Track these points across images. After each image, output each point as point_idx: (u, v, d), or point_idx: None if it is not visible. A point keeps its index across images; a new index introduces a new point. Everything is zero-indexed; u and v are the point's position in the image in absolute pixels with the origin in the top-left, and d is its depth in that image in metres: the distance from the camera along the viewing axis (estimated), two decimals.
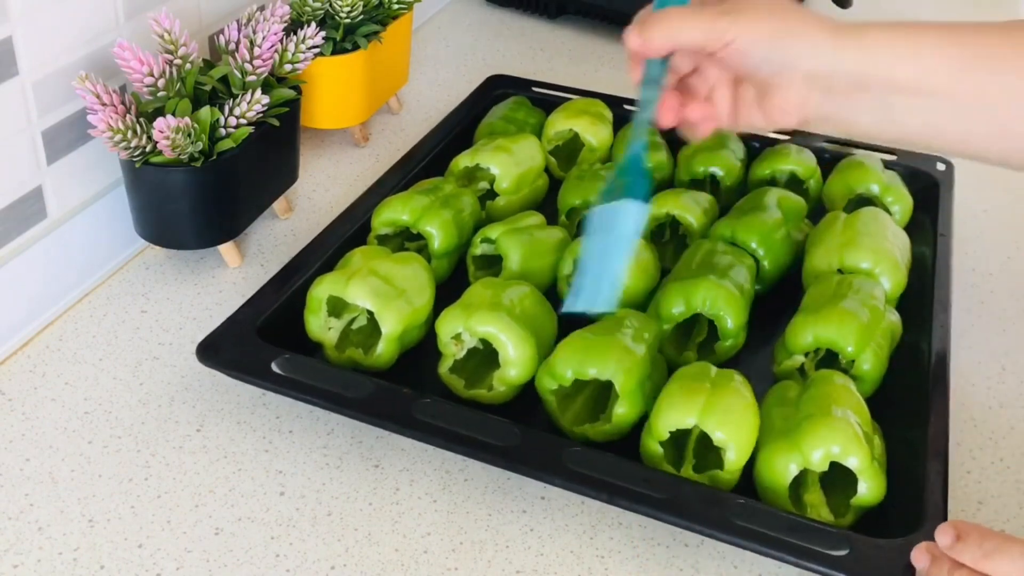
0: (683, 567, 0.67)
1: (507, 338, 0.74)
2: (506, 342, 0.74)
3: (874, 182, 0.96)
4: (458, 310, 0.76)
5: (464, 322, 0.75)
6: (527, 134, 1.01)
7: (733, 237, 0.88)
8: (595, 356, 0.72)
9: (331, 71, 1.02)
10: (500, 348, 0.75)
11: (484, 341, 0.76)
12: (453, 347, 0.77)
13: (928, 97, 0.62)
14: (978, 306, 0.93)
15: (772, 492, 0.69)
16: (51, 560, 0.65)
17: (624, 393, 0.72)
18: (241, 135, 0.85)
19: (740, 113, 0.68)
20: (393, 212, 0.88)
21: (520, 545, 0.68)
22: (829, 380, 0.73)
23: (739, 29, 0.62)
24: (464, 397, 0.76)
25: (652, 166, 0.91)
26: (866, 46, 0.62)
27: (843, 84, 0.63)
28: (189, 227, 0.87)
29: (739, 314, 0.80)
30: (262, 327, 0.77)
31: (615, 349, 0.73)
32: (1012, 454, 0.77)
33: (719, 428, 0.68)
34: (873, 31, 0.62)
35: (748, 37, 0.62)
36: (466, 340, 0.76)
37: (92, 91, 0.79)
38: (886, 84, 0.62)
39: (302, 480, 0.72)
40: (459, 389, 0.76)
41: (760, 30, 0.62)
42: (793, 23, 0.62)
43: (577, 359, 0.72)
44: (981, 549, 0.55)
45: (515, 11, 1.47)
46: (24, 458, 0.73)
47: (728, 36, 0.62)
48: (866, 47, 0.61)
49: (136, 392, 0.79)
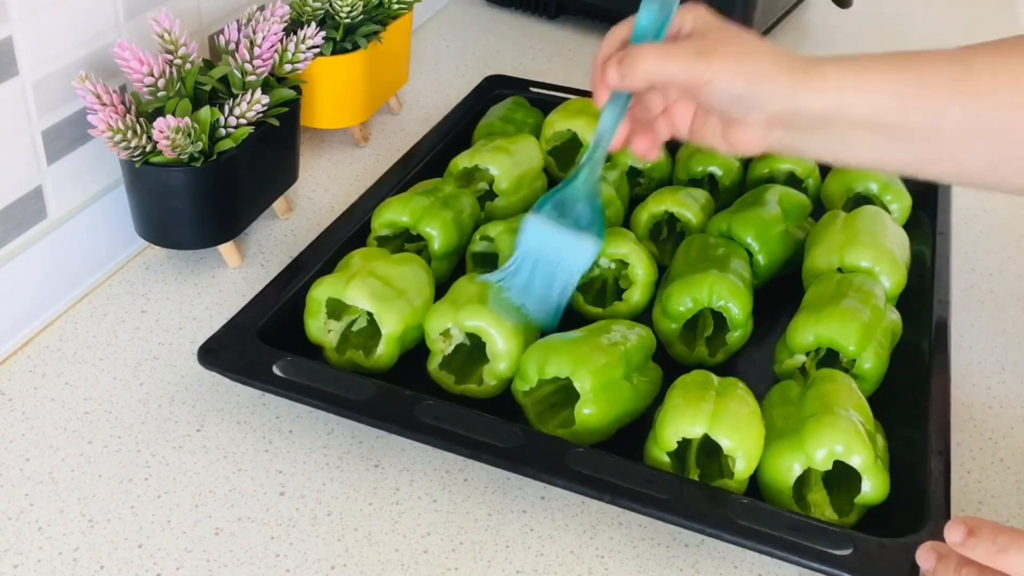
0: (683, 567, 0.67)
1: (496, 332, 0.75)
2: (495, 336, 0.75)
3: (873, 181, 0.96)
4: (446, 306, 0.77)
5: (453, 317, 0.76)
6: (526, 134, 1.01)
7: (729, 231, 0.89)
8: (556, 355, 0.72)
9: (331, 71, 1.02)
10: (489, 342, 0.75)
11: (472, 336, 0.76)
12: (441, 343, 0.77)
13: (880, 132, 0.64)
14: (978, 306, 0.93)
15: (776, 492, 0.69)
16: (51, 560, 0.65)
17: (587, 393, 0.72)
18: (241, 135, 0.85)
19: (701, 133, 0.71)
20: (393, 213, 0.88)
21: (520, 545, 0.68)
22: (831, 379, 0.73)
23: (714, 72, 0.64)
24: (454, 392, 0.77)
25: (606, 199, 0.94)
26: (820, 87, 0.63)
27: (803, 123, 0.65)
28: (189, 227, 0.87)
29: (745, 304, 0.81)
30: (263, 329, 0.77)
31: (580, 348, 0.73)
32: (1012, 454, 0.77)
33: (728, 437, 0.68)
34: (829, 70, 0.64)
35: (722, 80, 0.64)
36: (455, 335, 0.77)
37: (92, 91, 0.78)
38: (841, 122, 0.64)
39: (302, 480, 0.72)
40: (449, 385, 0.77)
41: (730, 75, 0.64)
42: (761, 68, 0.64)
43: (540, 358, 0.73)
44: (995, 544, 0.54)
45: (515, 11, 1.47)
46: (24, 458, 0.72)
47: (705, 77, 0.64)
48: (821, 89, 0.63)
49: (136, 392, 0.78)
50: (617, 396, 0.73)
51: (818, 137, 0.66)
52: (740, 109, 0.66)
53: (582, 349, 0.73)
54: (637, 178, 1.03)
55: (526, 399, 0.74)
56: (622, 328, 0.77)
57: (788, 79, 0.64)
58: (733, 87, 0.64)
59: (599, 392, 0.72)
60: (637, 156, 0.74)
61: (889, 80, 0.63)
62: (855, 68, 0.64)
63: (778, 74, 0.64)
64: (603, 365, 0.73)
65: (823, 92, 0.63)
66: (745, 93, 0.64)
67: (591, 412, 0.72)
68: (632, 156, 0.99)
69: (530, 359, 0.73)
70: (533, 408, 0.75)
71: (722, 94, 0.65)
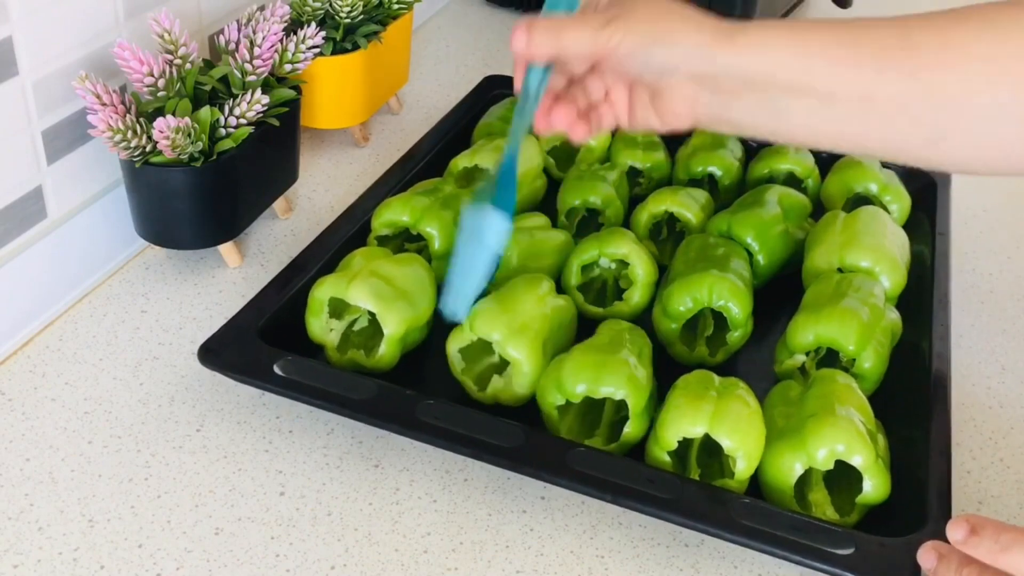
0: (683, 567, 0.67)
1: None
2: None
3: (872, 181, 0.96)
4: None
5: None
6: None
7: (729, 231, 0.89)
8: (609, 374, 0.71)
9: (331, 71, 1.02)
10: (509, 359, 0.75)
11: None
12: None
13: (810, 97, 0.61)
14: (978, 306, 0.93)
15: (777, 491, 0.69)
16: (51, 560, 0.65)
17: (635, 413, 0.71)
18: (241, 135, 0.85)
19: (636, 114, 0.68)
20: (393, 213, 0.88)
21: (520, 545, 0.68)
22: (831, 379, 0.73)
23: (620, 36, 0.61)
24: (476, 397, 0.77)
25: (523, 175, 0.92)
26: (744, 46, 0.61)
27: (727, 84, 0.62)
28: (189, 227, 0.87)
29: (745, 303, 0.81)
30: (263, 329, 0.77)
31: (626, 367, 0.72)
32: (1012, 454, 0.77)
33: (729, 437, 0.68)
34: (754, 31, 0.61)
35: (627, 44, 0.62)
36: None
37: (92, 91, 0.78)
38: (767, 84, 0.61)
39: (302, 480, 0.72)
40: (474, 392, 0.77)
41: (637, 36, 0.62)
42: (671, 26, 0.62)
43: (590, 376, 0.71)
44: (998, 543, 0.53)
45: (515, 11, 1.47)
46: (24, 458, 0.72)
47: (612, 43, 0.62)
48: (743, 47, 0.61)
49: (136, 392, 0.78)
50: (650, 412, 0.73)
51: (747, 104, 0.63)
52: (655, 71, 0.63)
53: (627, 368, 0.72)
54: (637, 178, 1.03)
55: (554, 410, 0.73)
56: (631, 336, 0.77)
57: (704, 38, 0.61)
58: (641, 49, 0.61)
59: (644, 411, 0.72)
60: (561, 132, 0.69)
61: (820, 42, 0.60)
62: (783, 28, 0.61)
63: (692, 33, 0.61)
64: (643, 383, 0.72)
65: (746, 49, 0.61)
66: (656, 54, 0.62)
67: (631, 431, 0.72)
68: (631, 155, 0.99)
69: (575, 375, 0.71)
70: (558, 417, 0.74)
71: (632, 59, 0.62)
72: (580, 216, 0.95)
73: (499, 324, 0.74)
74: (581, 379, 0.71)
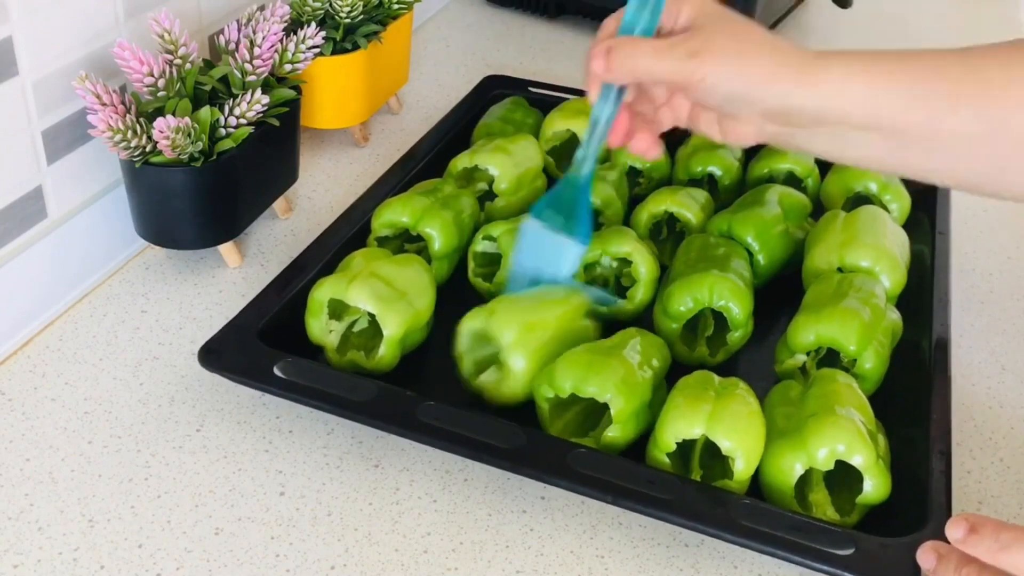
0: (683, 567, 0.67)
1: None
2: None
3: (872, 180, 0.96)
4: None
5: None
6: (525, 134, 1.01)
7: (729, 231, 0.89)
8: (597, 375, 0.71)
9: (331, 71, 1.02)
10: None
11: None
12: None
13: (880, 132, 0.63)
14: (978, 306, 0.93)
15: (777, 492, 0.69)
16: (51, 560, 0.65)
17: (618, 418, 0.71)
18: (241, 135, 0.85)
19: (699, 125, 0.69)
20: (393, 214, 0.88)
21: (520, 545, 0.68)
22: (832, 379, 0.73)
23: (706, 72, 0.62)
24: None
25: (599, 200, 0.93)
26: (822, 85, 0.62)
27: (800, 120, 0.64)
28: (189, 227, 0.87)
29: (746, 303, 0.81)
30: (263, 330, 0.77)
31: (619, 371, 0.72)
32: (1012, 454, 0.77)
33: (727, 437, 0.68)
34: (836, 67, 0.62)
35: (715, 79, 0.63)
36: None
37: (92, 91, 0.78)
38: (840, 122, 0.63)
39: (302, 480, 0.72)
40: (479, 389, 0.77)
41: (722, 73, 0.63)
42: (759, 66, 0.63)
43: (579, 374, 0.71)
44: (998, 542, 0.53)
45: (515, 11, 1.47)
46: (24, 458, 0.72)
47: (696, 77, 0.63)
48: (822, 87, 0.62)
49: (136, 392, 0.78)
50: (640, 420, 0.73)
51: (816, 135, 0.65)
52: (734, 107, 0.65)
53: (620, 372, 0.72)
54: (637, 178, 1.03)
55: (545, 403, 0.73)
56: (642, 343, 0.76)
57: (785, 78, 0.62)
58: (726, 87, 0.63)
59: (629, 418, 0.72)
60: (637, 155, 0.73)
61: (896, 82, 0.61)
62: (860, 65, 0.62)
63: (775, 73, 0.62)
64: (635, 389, 0.72)
65: (825, 89, 0.62)
66: (739, 92, 0.63)
67: (614, 435, 0.72)
68: (631, 155, 0.99)
69: (566, 372, 0.72)
70: (549, 410, 0.74)
71: (715, 93, 0.64)
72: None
73: (512, 325, 0.74)
74: (569, 376, 0.71)
